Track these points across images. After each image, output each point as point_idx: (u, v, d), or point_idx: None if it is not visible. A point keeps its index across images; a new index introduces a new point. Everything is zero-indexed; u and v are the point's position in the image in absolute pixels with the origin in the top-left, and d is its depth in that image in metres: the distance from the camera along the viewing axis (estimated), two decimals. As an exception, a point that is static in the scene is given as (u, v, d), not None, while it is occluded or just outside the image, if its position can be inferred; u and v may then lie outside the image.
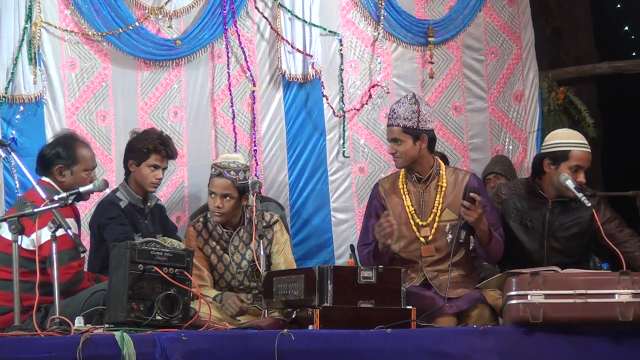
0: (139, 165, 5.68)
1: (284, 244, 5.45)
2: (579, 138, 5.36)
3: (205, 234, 5.44)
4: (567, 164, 5.24)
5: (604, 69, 8.31)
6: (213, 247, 5.42)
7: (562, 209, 5.33)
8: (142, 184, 5.68)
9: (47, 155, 5.09)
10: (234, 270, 5.38)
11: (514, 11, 7.53)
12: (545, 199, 5.34)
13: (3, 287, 4.66)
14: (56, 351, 3.77)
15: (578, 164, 5.24)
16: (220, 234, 5.42)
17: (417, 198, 5.15)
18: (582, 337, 4.46)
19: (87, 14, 6.35)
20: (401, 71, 7.18)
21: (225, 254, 5.41)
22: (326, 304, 4.32)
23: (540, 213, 5.34)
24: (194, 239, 5.42)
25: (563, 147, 5.28)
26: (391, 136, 5.15)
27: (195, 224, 5.49)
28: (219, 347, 3.99)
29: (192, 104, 6.64)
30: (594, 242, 5.41)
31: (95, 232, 5.62)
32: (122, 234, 5.40)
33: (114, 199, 5.62)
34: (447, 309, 4.88)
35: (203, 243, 5.41)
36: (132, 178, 5.70)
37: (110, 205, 5.59)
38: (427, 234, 5.10)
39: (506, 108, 7.45)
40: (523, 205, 5.37)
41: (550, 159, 5.30)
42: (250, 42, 6.79)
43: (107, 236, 5.45)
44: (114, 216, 5.53)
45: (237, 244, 5.41)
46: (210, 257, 5.40)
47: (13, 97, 6.17)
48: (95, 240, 5.61)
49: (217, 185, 5.37)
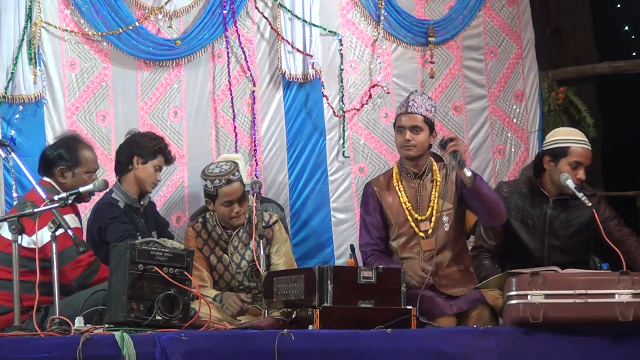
0: (145, 163, 5.63)
1: (283, 244, 5.44)
2: (579, 135, 5.38)
3: (205, 235, 5.43)
4: (567, 160, 5.25)
5: (604, 69, 8.31)
6: (212, 248, 5.41)
7: (563, 207, 5.34)
8: (142, 183, 5.64)
9: (50, 157, 5.09)
10: (234, 270, 5.38)
11: (514, 11, 7.53)
12: (547, 197, 5.34)
13: (3, 287, 4.66)
14: (56, 351, 3.78)
15: (577, 160, 5.25)
16: (220, 234, 5.41)
17: (413, 193, 5.16)
18: (582, 337, 4.46)
19: (87, 14, 6.35)
20: (401, 71, 7.18)
21: (225, 255, 5.40)
22: (326, 304, 4.32)
23: (542, 211, 5.34)
24: (193, 239, 5.40)
25: (562, 144, 5.30)
26: (412, 123, 5.11)
27: (195, 224, 5.48)
28: (219, 347, 3.99)
29: (192, 104, 6.64)
30: (594, 241, 5.42)
31: (95, 236, 5.54)
32: (125, 232, 5.37)
33: (111, 200, 5.57)
34: (447, 310, 4.88)
35: (202, 244, 5.40)
36: (132, 176, 5.65)
37: (110, 206, 5.56)
38: (427, 228, 5.11)
39: (507, 107, 7.46)
40: (524, 203, 5.37)
41: (550, 155, 5.31)
42: (250, 42, 6.79)
43: (110, 236, 5.40)
44: (115, 216, 5.50)
45: (236, 244, 5.40)
46: (210, 258, 5.39)
47: (13, 97, 6.16)
48: (94, 244, 5.57)
49: (232, 193, 5.26)
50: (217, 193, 5.26)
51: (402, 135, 5.14)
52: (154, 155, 5.65)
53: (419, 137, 5.10)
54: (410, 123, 5.12)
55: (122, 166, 5.69)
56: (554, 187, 5.31)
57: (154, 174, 5.66)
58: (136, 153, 5.64)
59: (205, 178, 5.32)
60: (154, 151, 5.65)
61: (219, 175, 5.27)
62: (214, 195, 5.28)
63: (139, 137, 5.74)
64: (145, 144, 5.66)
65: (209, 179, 5.29)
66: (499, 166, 7.39)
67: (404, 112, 5.15)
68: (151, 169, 5.64)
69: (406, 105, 5.15)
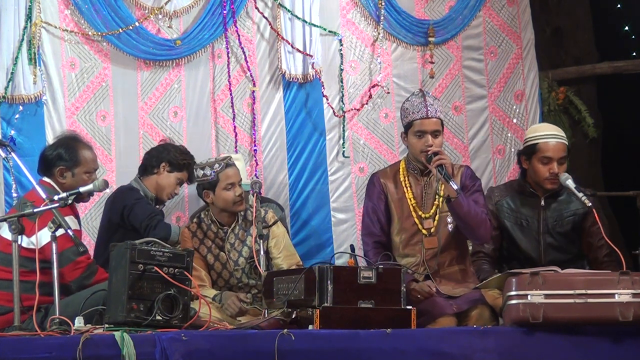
0: (171, 171, 5.75)
1: (281, 237, 5.46)
2: (548, 130, 5.44)
3: (200, 234, 5.43)
4: (537, 157, 5.33)
5: (604, 69, 8.31)
6: (209, 247, 5.42)
7: (555, 206, 5.37)
8: (163, 190, 5.74)
9: (49, 157, 5.09)
10: (231, 268, 5.38)
11: (514, 11, 7.53)
12: (537, 197, 5.37)
13: (3, 287, 4.66)
14: (56, 351, 3.78)
15: (545, 155, 5.30)
16: (215, 232, 5.42)
17: (419, 190, 5.18)
18: (582, 337, 4.46)
19: (87, 14, 6.34)
20: (401, 71, 7.17)
21: (222, 252, 5.41)
22: (326, 304, 4.32)
23: (534, 211, 5.37)
24: (189, 240, 5.41)
25: (531, 142, 5.40)
26: (433, 127, 5.12)
27: (190, 225, 5.50)
28: (219, 347, 3.99)
29: (192, 104, 6.64)
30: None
31: (113, 219, 5.58)
32: (153, 212, 5.48)
33: (132, 186, 5.67)
34: (447, 310, 4.89)
35: (199, 243, 5.41)
36: (154, 179, 5.73)
37: (132, 190, 5.66)
38: (430, 226, 5.12)
39: (507, 107, 7.45)
40: (516, 204, 5.41)
41: (524, 155, 5.41)
42: (250, 42, 6.78)
43: (137, 215, 5.47)
44: (139, 197, 5.59)
45: (232, 241, 5.41)
46: (207, 257, 5.40)
47: (13, 97, 6.16)
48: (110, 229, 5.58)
49: (233, 175, 5.37)
50: (219, 177, 5.33)
51: (422, 140, 5.11)
52: (180, 168, 5.77)
53: (438, 140, 5.13)
54: (432, 128, 5.12)
55: (147, 168, 5.78)
56: (538, 186, 5.35)
57: (174, 186, 5.77)
58: (165, 159, 5.74)
59: (202, 167, 5.39)
60: (182, 164, 5.77)
61: (217, 160, 5.41)
62: (215, 181, 5.33)
63: (171, 147, 5.87)
64: (176, 154, 5.79)
65: (207, 166, 5.38)
66: (499, 166, 7.39)
67: (424, 116, 5.12)
68: (174, 179, 5.75)
69: (425, 109, 5.11)
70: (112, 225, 5.61)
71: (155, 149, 5.88)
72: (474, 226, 5.04)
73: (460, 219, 5.03)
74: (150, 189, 5.72)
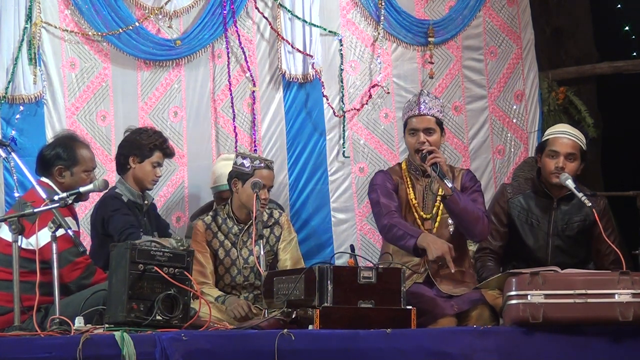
0: (141, 161, 5.67)
1: (291, 242, 5.48)
2: (562, 128, 5.51)
3: (214, 228, 5.44)
4: (546, 151, 5.33)
5: (604, 69, 8.31)
6: (221, 241, 5.42)
7: (567, 209, 5.36)
8: (142, 181, 5.68)
9: (47, 156, 5.09)
10: (241, 265, 5.39)
11: (514, 11, 7.53)
12: (550, 198, 5.36)
13: (3, 288, 4.66)
14: (56, 351, 3.78)
15: (553, 148, 5.32)
16: (230, 227, 5.43)
17: (420, 191, 5.18)
18: (582, 337, 4.46)
19: (87, 14, 6.34)
20: (401, 71, 7.18)
21: (234, 249, 5.41)
22: (326, 304, 4.32)
23: (546, 212, 5.36)
24: (202, 232, 5.40)
25: (544, 138, 5.45)
26: (425, 125, 5.13)
27: (204, 217, 5.49)
28: (219, 347, 3.99)
29: (192, 104, 6.64)
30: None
31: (98, 229, 5.58)
32: (127, 224, 5.40)
33: (115, 194, 5.61)
34: (448, 310, 4.89)
35: (212, 236, 5.41)
36: (131, 174, 5.69)
37: (113, 199, 5.59)
38: (431, 227, 5.12)
39: (507, 107, 7.45)
40: (529, 203, 5.40)
41: (539, 152, 5.44)
42: (250, 42, 6.78)
43: (113, 227, 5.43)
44: (117, 208, 5.53)
45: (246, 239, 5.42)
46: (218, 251, 5.40)
47: (13, 97, 6.16)
48: (98, 237, 5.59)
49: (268, 177, 5.39)
50: (254, 173, 5.33)
51: (415, 138, 5.13)
52: (150, 153, 5.68)
53: (432, 138, 5.12)
54: (424, 125, 5.13)
55: (121, 167, 5.74)
56: (552, 186, 5.34)
57: (152, 172, 5.68)
58: (132, 153, 5.68)
59: (244, 157, 5.40)
60: (150, 149, 5.68)
61: (260, 158, 5.44)
62: (248, 175, 5.32)
63: (135, 135, 5.76)
64: (141, 142, 5.70)
65: (249, 157, 5.39)
66: (499, 166, 7.39)
67: (416, 114, 5.15)
68: (149, 166, 5.67)
69: (417, 107, 5.14)
70: (98, 233, 5.61)
71: (120, 146, 5.79)
72: (470, 223, 5.05)
73: (457, 216, 5.04)
74: (131, 185, 5.67)
